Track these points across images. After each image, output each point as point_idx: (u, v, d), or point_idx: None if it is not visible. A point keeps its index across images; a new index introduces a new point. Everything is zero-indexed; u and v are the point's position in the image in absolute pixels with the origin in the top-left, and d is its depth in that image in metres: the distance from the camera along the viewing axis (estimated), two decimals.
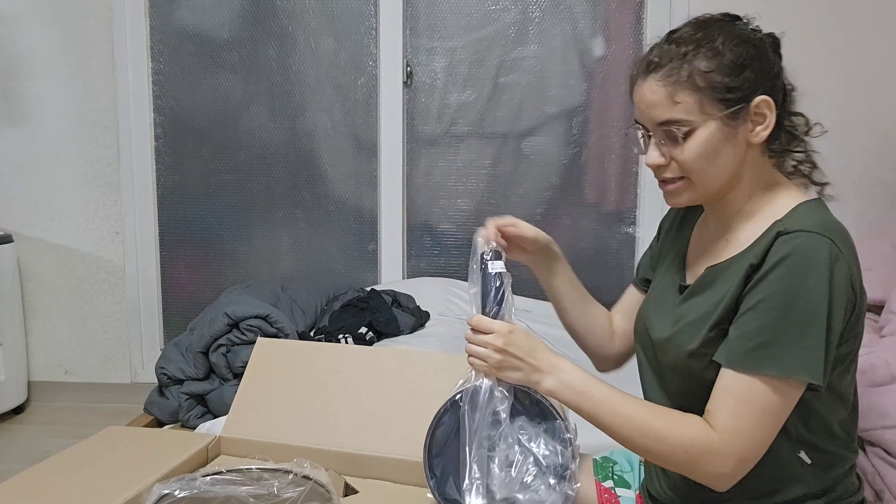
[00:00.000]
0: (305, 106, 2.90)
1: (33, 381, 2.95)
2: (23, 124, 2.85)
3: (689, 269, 1.13)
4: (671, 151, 1.00)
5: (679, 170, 1.02)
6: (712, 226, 1.10)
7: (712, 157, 0.99)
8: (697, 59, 0.97)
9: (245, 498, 0.90)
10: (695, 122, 0.98)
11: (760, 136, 1.00)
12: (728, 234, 1.05)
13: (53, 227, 2.90)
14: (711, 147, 0.98)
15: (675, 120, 0.98)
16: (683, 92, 0.97)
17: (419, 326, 2.49)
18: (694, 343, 1.00)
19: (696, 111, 0.97)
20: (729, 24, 1.01)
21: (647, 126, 1.03)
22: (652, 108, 1.00)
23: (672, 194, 1.05)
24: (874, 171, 2.54)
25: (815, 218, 0.97)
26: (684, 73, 0.97)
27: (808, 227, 0.93)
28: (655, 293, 1.17)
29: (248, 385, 1.22)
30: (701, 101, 0.97)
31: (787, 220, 0.97)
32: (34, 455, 1.11)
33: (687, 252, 1.15)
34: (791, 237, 0.93)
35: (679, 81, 0.97)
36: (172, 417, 2.36)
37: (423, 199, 2.92)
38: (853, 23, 2.49)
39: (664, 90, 0.98)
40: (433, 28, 2.82)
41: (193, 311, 2.70)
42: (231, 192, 2.96)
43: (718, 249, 1.06)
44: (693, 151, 0.99)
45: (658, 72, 0.99)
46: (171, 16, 2.88)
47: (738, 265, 0.99)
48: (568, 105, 2.80)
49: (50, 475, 0.99)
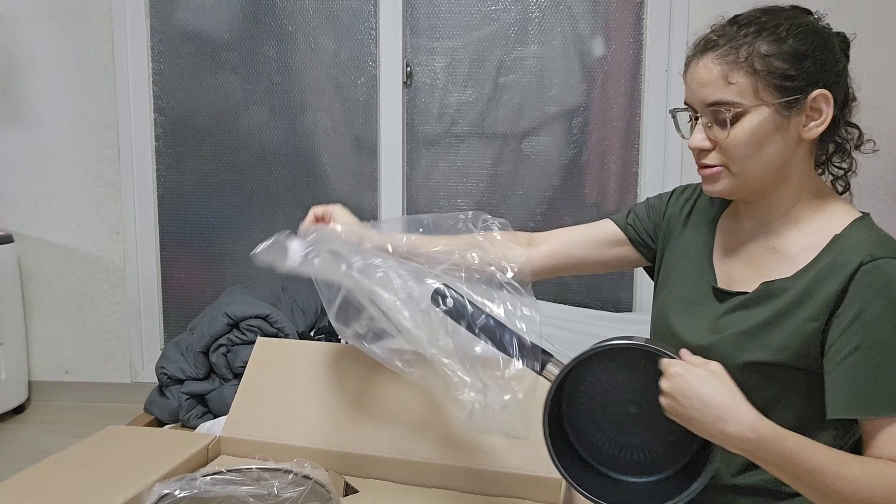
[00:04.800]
0: (305, 106, 2.90)
1: (34, 381, 2.95)
2: (23, 124, 2.85)
3: (720, 267, 1.08)
4: (717, 135, 0.96)
5: (721, 157, 0.97)
6: (748, 226, 1.05)
7: (758, 146, 0.95)
8: (758, 41, 0.93)
9: (245, 498, 0.90)
10: (746, 105, 0.93)
11: (813, 133, 0.96)
12: (775, 241, 1.01)
13: (54, 227, 2.90)
14: (760, 135, 0.94)
15: (727, 101, 0.94)
16: (739, 73, 0.93)
17: None
18: (745, 356, 0.96)
19: (750, 95, 0.93)
20: (798, 15, 0.98)
21: (696, 107, 0.98)
22: (704, 86, 0.95)
23: (709, 179, 1.00)
24: (874, 171, 2.54)
25: (879, 237, 0.93)
26: (743, 53, 0.93)
27: (888, 253, 0.90)
28: (678, 292, 1.11)
29: (248, 385, 1.22)
30: (756, 84, 0.93)
31: (851, 239, 0.93)
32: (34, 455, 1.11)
33: (713, 250, 1.10)
34: (876, 266, 0.89)
35: (736, 62, 0.93)
36: (172, 417, 2.36)
37: (423, 199, 2.91)
38: (853, 22, 2.49)
39: (719, 69, 0.94)
40: (433, 28, 2.82)
41: (193, 311, 2.70)
42: (231, 192, 2.96)
43: (768, 260, 1.01)
44: (739, 137, 0.94)
45: (715, 50, 0.95)
46: (171, 16, 2.88)
47: (798, 283, 0.95)
48: (568, 105, 2.80)
49: (50, 475, 0.99)
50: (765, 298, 0.98)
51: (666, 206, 1.20)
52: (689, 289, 1.09)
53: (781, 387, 0.96)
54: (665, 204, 1.20)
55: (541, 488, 1.05)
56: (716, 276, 1.07)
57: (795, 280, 0.96)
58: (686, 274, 1.11)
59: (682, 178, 2.67)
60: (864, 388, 0.89)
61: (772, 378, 0.95)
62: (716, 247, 1.10)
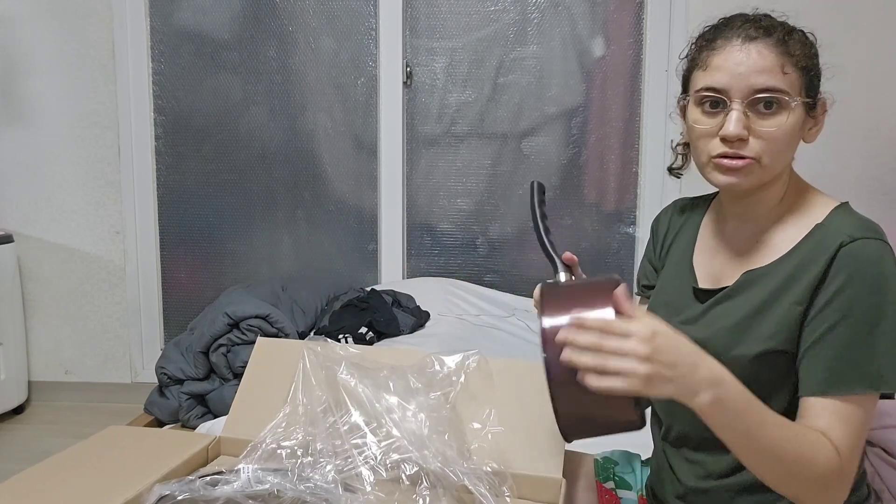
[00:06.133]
0: (305, 106, 2.90)
1: (33, 381, 2.96)
2: (23, 124, 2.85)
3: (700, 270, 1.09)
4: (756, 125, 0.94)
5: (756, 148, 0.94)
6: (732, 224, 1.06)
7: (792, 143, 0.96)
8: (793, 40, 0.95)
9: (244, 499, 0.90)
10: (792, 100, 0.94)
11: (814, 137, 0.99)
12: (759, 236, 1.02)
13: (54, 227, 2.90)
14: (795, 131, 0.96)
15: (781, 90, 0.93)
16: (791, 65, 0.94)
17: (419, 326, 2.49)
18: (738, 349, 0.96)
19: (797, 89, 0.95)
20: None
21: (738, 93, 0.94)
22: (759, 72, 0.93)
23: (740, 172, 0.95)
24: (872, 172, 2.54)
25: (859, 221, 0.94)
26: (792, 48, 0.94)
27: (868, 234, 0.91)
28: (663, 298, 1.13)
29: (248, 385, 1.22)
30: (801, 80, 0.95)
31: (834, 225, 0.94)
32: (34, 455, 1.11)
33: (693, 253, 1.11)
34: (855, 246, 0.90)
35: (788, 53, 0.94)
36: (172, 417, 2.36)
37: (423, 199, 2.92)
38: (853, 22, 2.49)
39: (776, 58, 0.93)
40: (433, 28, 2.82)
41: (193, 311, 2.70)
42: (231, 192, 2.96)
43: (751, 252, 1.02)
44: (784, 130, 0.94)
45: (769, 38, 0.94)
46: (171, 16, 2.88)
47: (780, 270, 0.96)
48: (568, 105, 2.80)
49: (50, 475, 0.99)
50: (747, 287, 0.99)
51: (657, 244, 1.21)
52: (671, 293, 1.12)
53: (776, 374, 0.97)
54: (654, 242, 1.22)
55: (541, 488, 1.05)
56: (696, 278, 1.08)
57: (776, 266, 0.97)
58: (670, 279, 1.13)
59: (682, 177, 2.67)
60: (839, 366, 0.90)
61: (765, 367, 0.96)
62: (699, 250, 1.11)
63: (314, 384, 1.09)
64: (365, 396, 1.05)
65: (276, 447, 1.03)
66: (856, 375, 0.90)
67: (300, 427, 1.06)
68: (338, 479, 0.95)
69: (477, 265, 2.91)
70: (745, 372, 0.94)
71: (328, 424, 1.04)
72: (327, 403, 1.07)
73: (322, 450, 1.01)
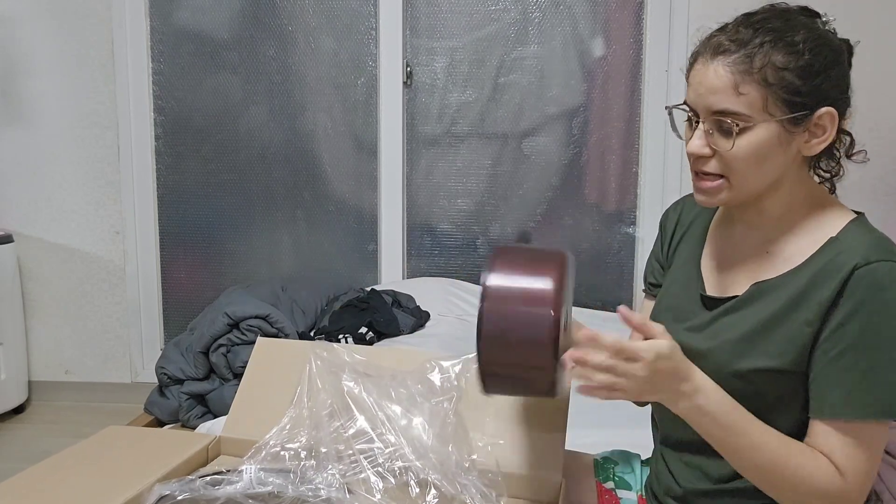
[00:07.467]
0: (305, 106, 2.90)
1: (34, 381, 2.95)
2: (23, 124, 2.85)
3: (709, 276, 1.06)
4: (718, 144, 0.92)
5: (720, 166, 0.93)
6: (740, 230, 1.04)
7: (760, 161, 0.92)
8: (774, 51, 0.89)
9: (244, 498, 0.90)
10: (754, 119, 0.89)
11: (814, 150, 0.94)
12: (769, 246, 0.99)
13: (54, 227, 2.90)
14: (763, 150, 0.91)
15: (735, 112, 0.90)
16: (751, 84, 0.89)
17: (419, 326, 2.49)
18: (743, 363, 0.95)
19: (759, 108, 0.89)
20: (811, 21, 0.94)
21: (699, 112, 0.93)
22: (712, 93, 0.91)
23: (707, 193, 0.96)
24: (874, 172, 2.54)
25: (874, 239, 0.92)
26: (757, 63, 0.89)
27: (883, 256, 0.89)
28: (668, 301, 1.11)
29: (248, 385, 1.22)
30: (766, 98, 0.89)
31: (847, 241, 0.92)
32: (34, 455, 1.11)
33: (701, 257, 1.09)
34: (870, 269, 0.88)
35: (749, 72, 0.89)
36: (172, 417, 2.36)
37: (423, 199, 2.92)
38: (856, 20, 2.49)
39: (730, 77, 0.89)
40: (433, 28, 2.82)
41: (193, 311, 2.70)
42: (231, 192, 2.96)
43: (760, 263, 0.99)
44: (743, 150, 0.91)
45: (727, 56, 0.90)
46: (171, 16, 2.88)
47: (790, 283, 0.94)
48: (568, 105, 2.80)
49: (50, 475, 0.99)
50: (756, 299, 0.97)
51: (665, 240, 1.19)
52: (677, 297, 1.09)
53: (781, 392, 0.95)
54: (662, 239, 1.19)
55: (541, 488, 1.05)
56: (704, 285, 1.06)
57: (787, 279, 0.95)
58: (676, 282, 1.11)
59: (681, 177, 2.67)
60: (852, 391, 0.88)
61: (770, 384, 0.95)
62: (707, 254, 1.09)
63: (320, 388, 1.10)
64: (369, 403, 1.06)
65: (280, 449, 1.03)
66: (867, 402, 0.88)
67: (304, 430, 1.06)
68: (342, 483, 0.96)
69: (477, 265, 2.91)
70: (748, 386, 0.94)
71: (332, 429, 1.05)
72: (332, 408, 1.07)
73: (326, 453, 1.02)
